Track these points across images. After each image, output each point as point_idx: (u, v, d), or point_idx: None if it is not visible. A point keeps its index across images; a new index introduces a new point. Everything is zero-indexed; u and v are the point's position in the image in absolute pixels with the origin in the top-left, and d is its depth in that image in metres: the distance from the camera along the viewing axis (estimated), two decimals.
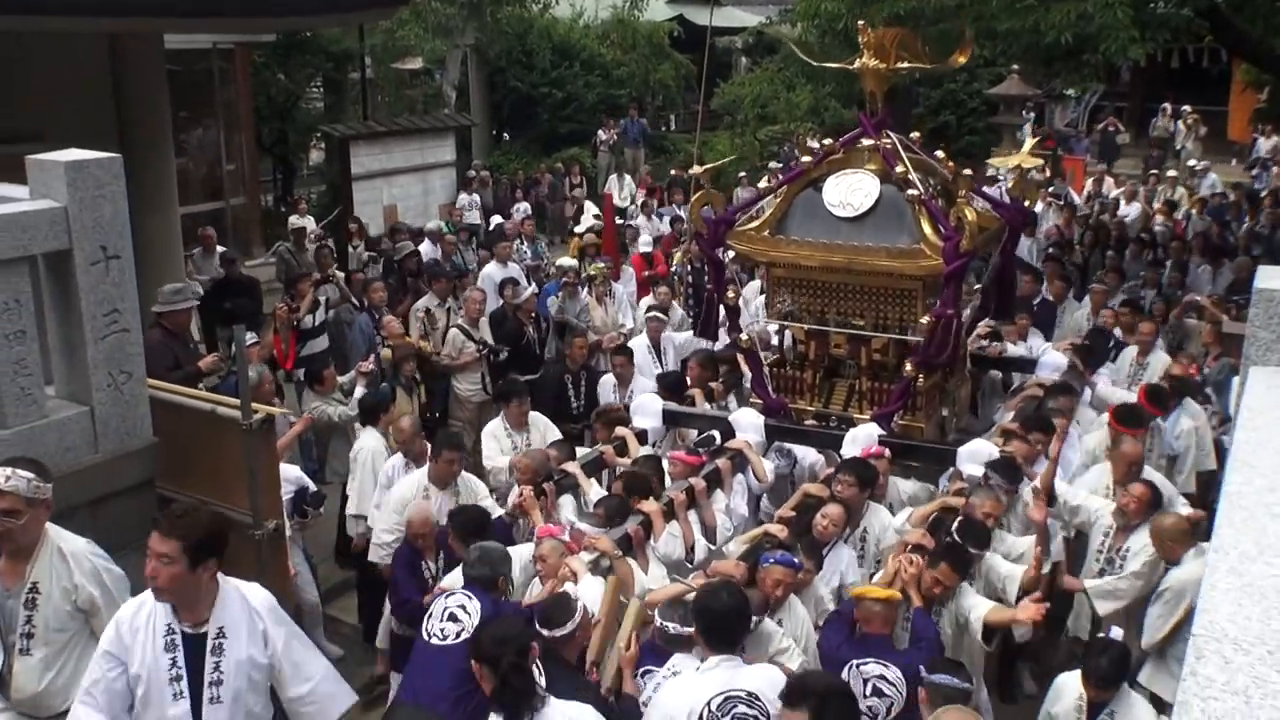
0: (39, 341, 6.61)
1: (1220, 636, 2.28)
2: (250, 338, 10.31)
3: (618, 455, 8.99)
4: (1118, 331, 12.47)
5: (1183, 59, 16.80)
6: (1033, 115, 27.11)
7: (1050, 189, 22.01)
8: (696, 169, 10.99)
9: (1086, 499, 8.11)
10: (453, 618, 6.31)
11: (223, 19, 12.82)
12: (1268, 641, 2.27)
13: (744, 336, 9.88)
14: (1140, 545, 7.51)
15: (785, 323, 10.00)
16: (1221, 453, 9.43)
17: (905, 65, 9.70)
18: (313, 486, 8.97)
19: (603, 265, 14.90)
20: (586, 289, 13.93)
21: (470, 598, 6.39)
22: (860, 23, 10.13)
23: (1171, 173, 24.07)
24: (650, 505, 7.63)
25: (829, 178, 9.43)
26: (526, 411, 9.64)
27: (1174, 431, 9.95)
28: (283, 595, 6.78)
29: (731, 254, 10.22)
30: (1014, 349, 11.59)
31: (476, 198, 21.83)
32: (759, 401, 9.77)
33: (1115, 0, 11.79)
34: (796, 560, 6.78)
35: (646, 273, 15.37)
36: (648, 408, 9.68)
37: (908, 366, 9.05)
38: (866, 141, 9.49)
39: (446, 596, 6.51)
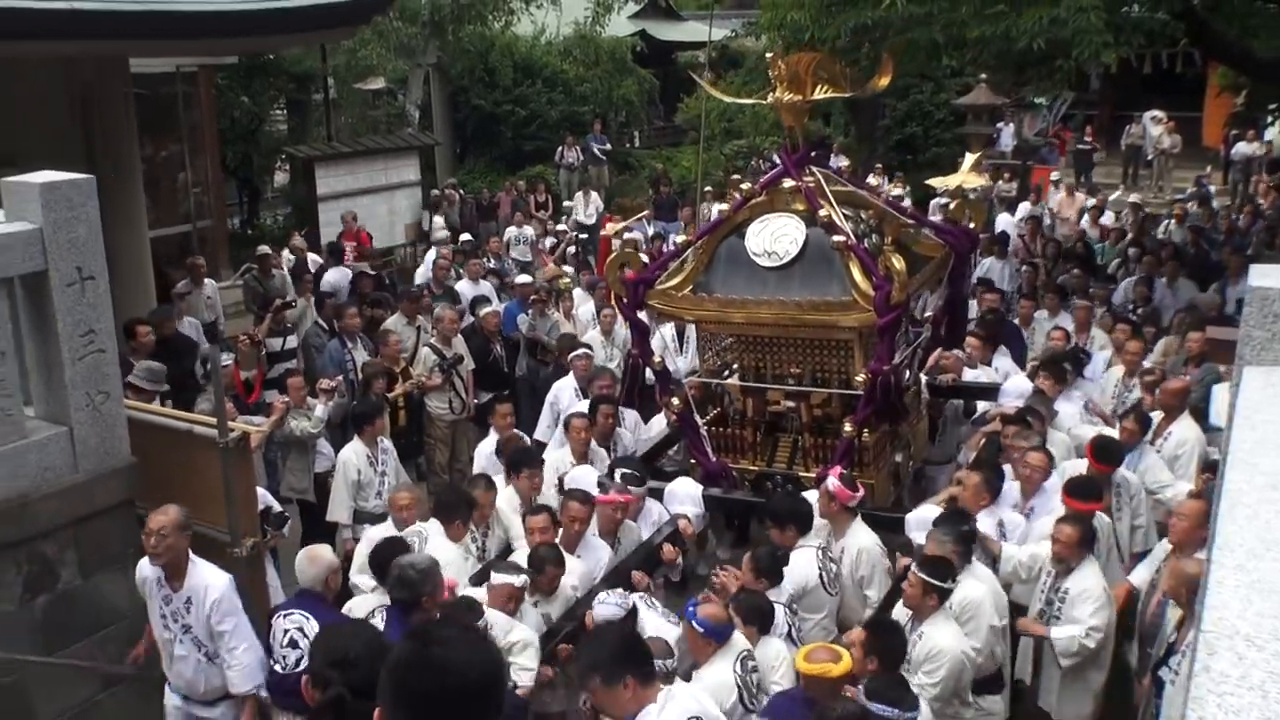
0: (18, 363, 6.60)
1: (1232, 633, 2.25)
2: (225, 358, 10.24)
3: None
4: (1105, 350, 11.94)
5: (1155, 64, 16.79)
6: (1010, 126, 27.02)
7: (1019, 209, 21.99)
8: (609, 227, 10.47)
9: (1033, 551, 7.57)
10: (292, 643, 6.38)
11: (185, 41, 12.82)
12: None
13: (674, 401, 9.12)
14: (1080, 589, 7.07)
15: (717, 380, 9.51)
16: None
17: (823, 95, 8.96)
18: (277, 506, 8.92)
19: (568, 280, 14.89)
20: (555, 306, 13.90)
21: (308, 618, 6.39)
22: (769, 55, 9.50)
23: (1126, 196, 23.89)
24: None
25: (751, 224, 8.80)
26: (539, 485, 8.61)
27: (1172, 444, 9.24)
28: (262, 611, 6.85)
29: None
30: (973, 373, 10.89)
31: (441, 219, 21.75)
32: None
33: (1089, 4, 11.65)
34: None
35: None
36: (684, 494, 8.67)
37: (847, 426, 8.45)
38: (789, 182, 8.83)
39: (285, 617, 6.51)
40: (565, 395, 10.94)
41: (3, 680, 6.61)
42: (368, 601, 6.89)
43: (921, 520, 7.55)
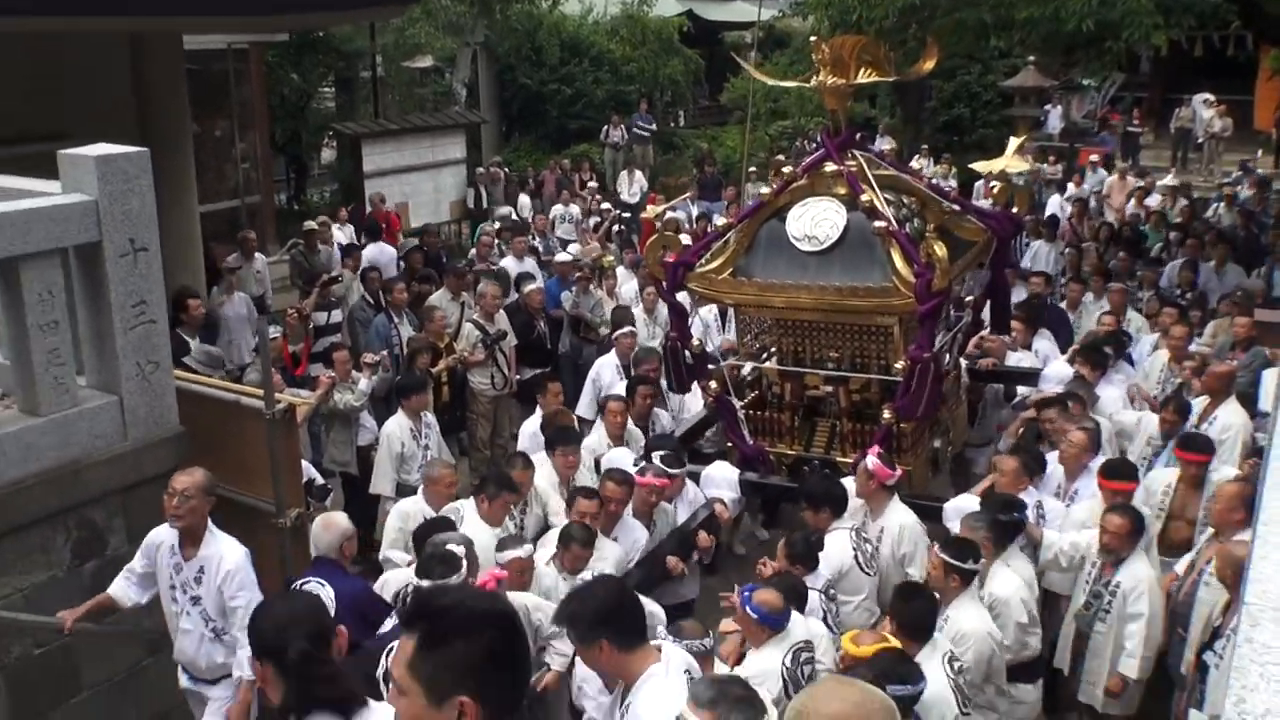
0: (71, 332, 6.71)
1: (1276, 605, 2.28)
2: (273, 331, 10.34)
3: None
4: (1145, 334, 11.78)
5: (1206, 47, 16.53)
6: (1058, 108, 26.68)
7: (1067, 190, 21.84)
8: (651, 209, 10.43)
9: (1074, 540, 7.44)
10: None
11: (240, 18, 12.93)
12: None
13: (713, 384, 9.14)
14: (1133, 584, 6.93)
15: (757, 364, 9.54)
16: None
17: (867, 78, 8.91)
18: (319, 479, 9.00)
19: (611, 259, 14.92)
20: (598, 283, 13.96)
21: (323, 585, 6.29)
22: (813, 37, 9.56)
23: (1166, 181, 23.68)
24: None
25: (793, 207, 8.78)
26: (575, 464, 8.53)
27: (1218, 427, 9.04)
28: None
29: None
30: (1016, 356, 10.90)
31: (525, 199, 21.80)
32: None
33: None
34: None
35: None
36: (720, 478, 8.78)
37: (886, 414, 8.46)
38: (831, 165, 8.82)
39: (302, 586, 6.35)
40: (607, 372, 11.01)
41: (38, 649, 6.73)
42: (400, 576, 6.89)
43: (959, 509, 7.54)
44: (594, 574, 6.72)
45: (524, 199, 21.87)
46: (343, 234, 16.87)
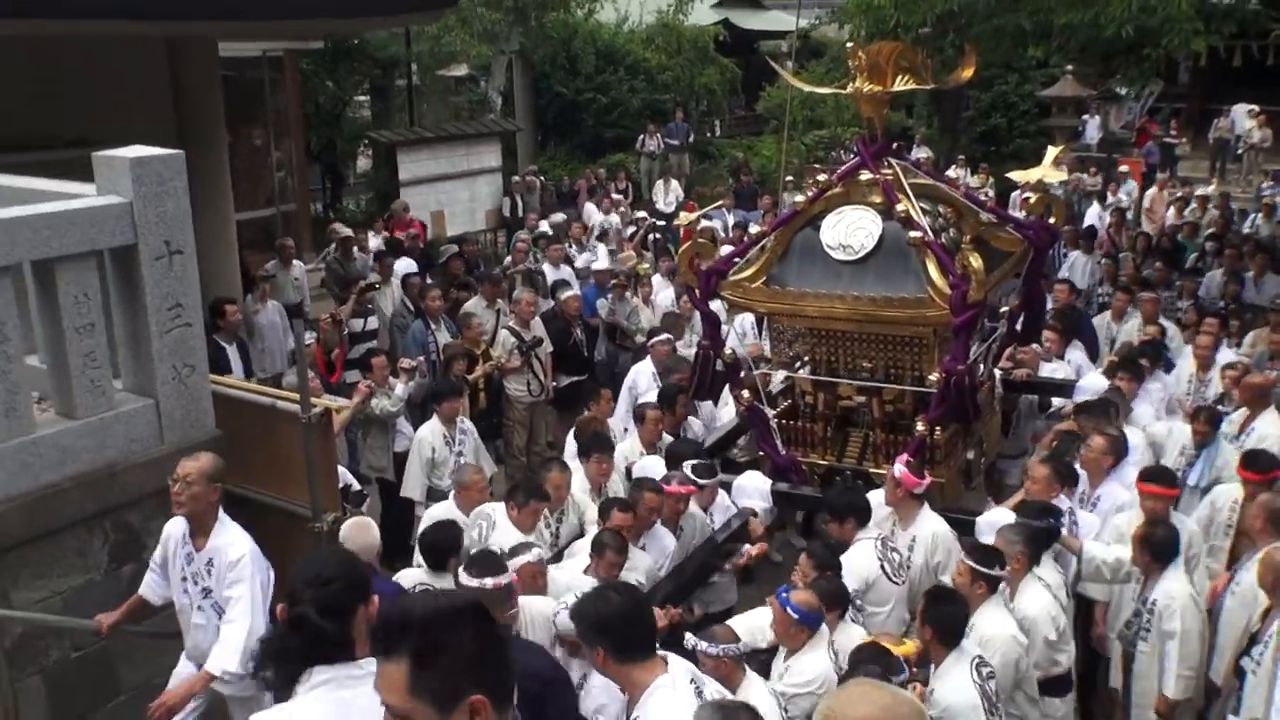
0: (107, 335, 6.71)
1: None
2: (309, 337, 10.34)
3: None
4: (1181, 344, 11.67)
5: (1245, 56, 16.40)
6: (1096, 118, 26.52)
7: (1106, 199, 21.72)
8: (683, 216, 10.31)
9: (1119, 555, 7.26)
10: None
11: (276, 23, 12.95)
12: None
13: (744, 393, 9.04)
14: (1166, 601, 6.80)
15: (790, 373, 9.43)
16: None
17: (904, 86, 8.77)
18: (355, 485, 8.98)
19: (648, 266, 14.89)
20: (634, 291, 13.94)
21: None
22: (849, 44, 9.49)
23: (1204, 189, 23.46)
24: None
25: (827, 215, 8.71)
26: (609, 471, 8.54)
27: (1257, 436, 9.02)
28: None
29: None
30: (1050, 366, 10.84)
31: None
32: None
33: None
34: None
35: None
36: (751, 488, 8.67)
37: (919, 425, 8.34)
38: (866, 174, 8.71)
39: None
40: (643, 379, 10.94)
41: (75, 652, 6.73)
42: (412, 575, 6.91)
43: (992, 524, 7.40)
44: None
45: (589, 207, 21.74)
46: (377, 241, 16.87)
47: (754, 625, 6.38)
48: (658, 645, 4.87)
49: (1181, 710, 6.95)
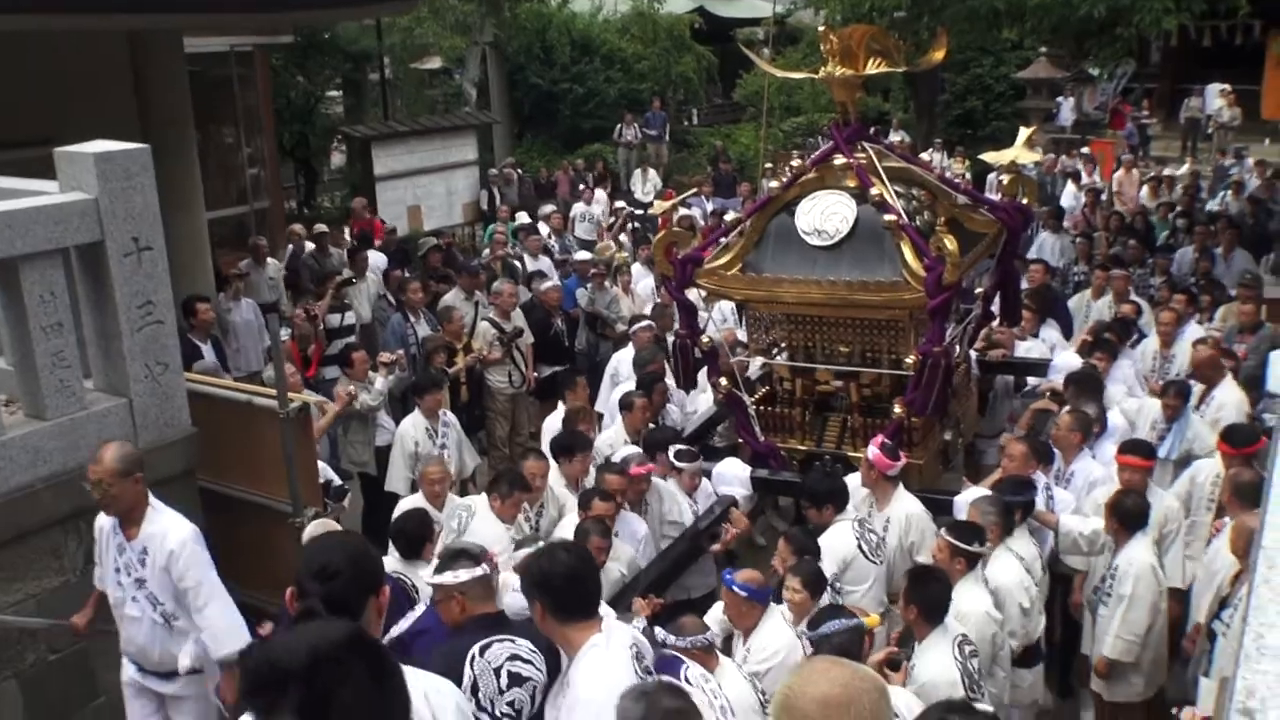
0: (75, 334, 6.61)
1: None
2: (284, 332, 10.25)
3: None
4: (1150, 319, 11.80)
5: (1214, 37, 16.42)
6: (1070, 100, 26.59)
7: (1081, 179, 21.76)
8: (658, 204, 10.28)
9: (1095, 527, 7.43)
10: None
11: (241, 15, 12.82)
12: None
13: (723, 381, 9.00)
14: (1126, 566, 6.98)
15: (767, 359, 9.44)
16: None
17: (876, 69, 8.74)
18: (336, 480, 8.92)
19: (626, 255, 14.84)
20: (613, 280, 13.90)
21: None
22: (821, 28, 9.45)
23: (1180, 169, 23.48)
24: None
25: (802, 201, 8.69)
26: (586, 469, 8.39)
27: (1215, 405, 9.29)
28: None
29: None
30: (1025, 345, 10.94)
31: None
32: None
33: None
34: None
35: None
36: (731, 475, 8.67)
37: (896, 408, 8.34)
38: (840, 159, 8.74)
39: None
40: (625, 366, 10.89)
41: (53, 655, 6.64)
42: (387, 564, 6.79)
43: (970, 503, 7.42)
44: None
45: (579, 206, 21.56)
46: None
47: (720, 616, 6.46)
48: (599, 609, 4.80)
49: (1130, 675, 7.12)
